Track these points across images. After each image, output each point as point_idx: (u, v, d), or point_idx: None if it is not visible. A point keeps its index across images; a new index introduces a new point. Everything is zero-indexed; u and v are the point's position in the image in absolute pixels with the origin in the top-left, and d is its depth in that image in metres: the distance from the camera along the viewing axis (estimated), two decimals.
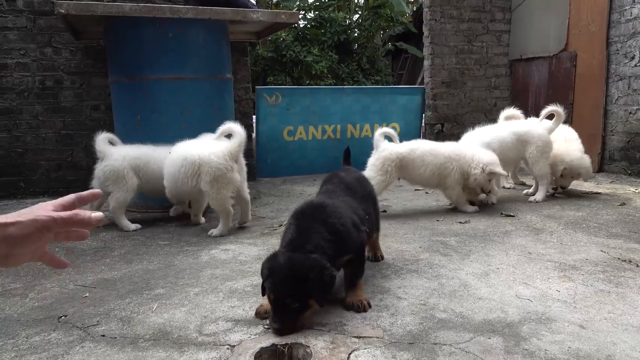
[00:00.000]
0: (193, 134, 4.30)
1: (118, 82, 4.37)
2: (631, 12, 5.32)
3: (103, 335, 1.99)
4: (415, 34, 14.55)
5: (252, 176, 5.93)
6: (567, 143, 4.47)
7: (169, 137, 3.83)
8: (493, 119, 6.21)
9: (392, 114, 6.64)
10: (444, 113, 6.85)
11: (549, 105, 4.46)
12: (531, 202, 4.32)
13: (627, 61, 5.42)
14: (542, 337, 1.90)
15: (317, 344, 1.85)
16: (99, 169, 3.77)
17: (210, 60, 4.40)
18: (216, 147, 3.46)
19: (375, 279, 2.56)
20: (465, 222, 3.71)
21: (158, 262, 2.95)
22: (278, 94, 6.13)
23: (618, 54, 5.53)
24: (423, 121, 6.94)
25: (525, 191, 4.67)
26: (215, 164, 3.39)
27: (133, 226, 3.79)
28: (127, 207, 3.85)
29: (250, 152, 5.99)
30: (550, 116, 4.45)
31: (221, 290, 2.46)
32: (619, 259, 2.78)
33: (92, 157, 4.02)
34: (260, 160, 6.15)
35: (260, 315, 2.10)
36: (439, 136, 6.73)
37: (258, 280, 2.57)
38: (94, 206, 3.68)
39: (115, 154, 3.80)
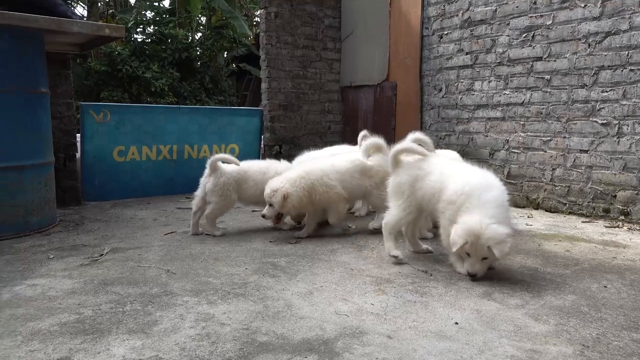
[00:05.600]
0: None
1: None
2: (438, 50, 6.08)
3: None
4: (258, 56, 14.82)
5: (76, 200, 5.43)
6: None
7: None
8: (328, 142, 6.57)
9: (230, 135, 6.63)
10: (281, 135, 7.04)
11: (375, 129, 4.91)
12: (356, 216, 4.75)
13: (436, 92, 6.17)
14: (354, 350, 2.02)
15: None
16: None
17: (19, 71, 3.95)
18: None
19: (201, 305, 2.49)
20: (296, 242, 3.82)
21: None
22: (106, 112, 5.72)
23: (429, 85, 6.26)
24: (262, 143, 7.05)
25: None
26: None
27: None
28: None
29: (74, 173, 5.47)
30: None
31: (20, 333, 2.17)
32: (424, 271, 3.09)
33: None
34: (87, 183, 5.64)
35: None
36: (278, 157, 6.89)
37: (68, 317, 2.34)
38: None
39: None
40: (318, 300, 2.58)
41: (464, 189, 2.91)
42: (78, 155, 5.59)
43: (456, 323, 2.29)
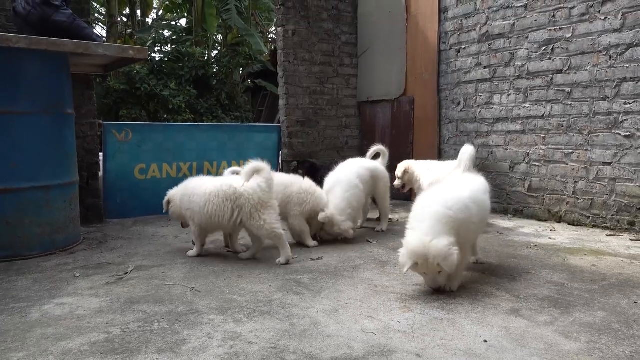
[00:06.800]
0: (28, 173, 3.91)
1: None
2: (455, 65, 6.09)
3: None
4: (273, 72, 14.93)
5: (99, 218, 5.51)
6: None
7: None
8: (345, 156, 6.57)
9: (249, 151, 6.69)
10: (299, 151, 7.08)
11: (393, 143, 4.91)
12: (378, 231, 4.77)
13: (454, 106, 6.17)
14: None
15: None
16: None
17: (47, 93, 4.05)
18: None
19: (227, 324, 2.50)
20: (319, 258, 3.82)
21: None
22: (128, 130, 5.82)
23: (447, 100, 6.26)
24: (280, 158, 7.10)
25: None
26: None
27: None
28: None
29: (97, 191, 5.56)
30: (377, 155, 5.05)
31: (52, 353, 2.20)
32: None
33: None
34: (109, 201, 5.73)
35: None
36: (296, 173, 6.92)
37: (97, 337, 2.36)
38: None
39: None
40: (344, 318, 2.57)
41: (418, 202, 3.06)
42: (100, 173, 5.69)
43: (485, 341, 2.27)
